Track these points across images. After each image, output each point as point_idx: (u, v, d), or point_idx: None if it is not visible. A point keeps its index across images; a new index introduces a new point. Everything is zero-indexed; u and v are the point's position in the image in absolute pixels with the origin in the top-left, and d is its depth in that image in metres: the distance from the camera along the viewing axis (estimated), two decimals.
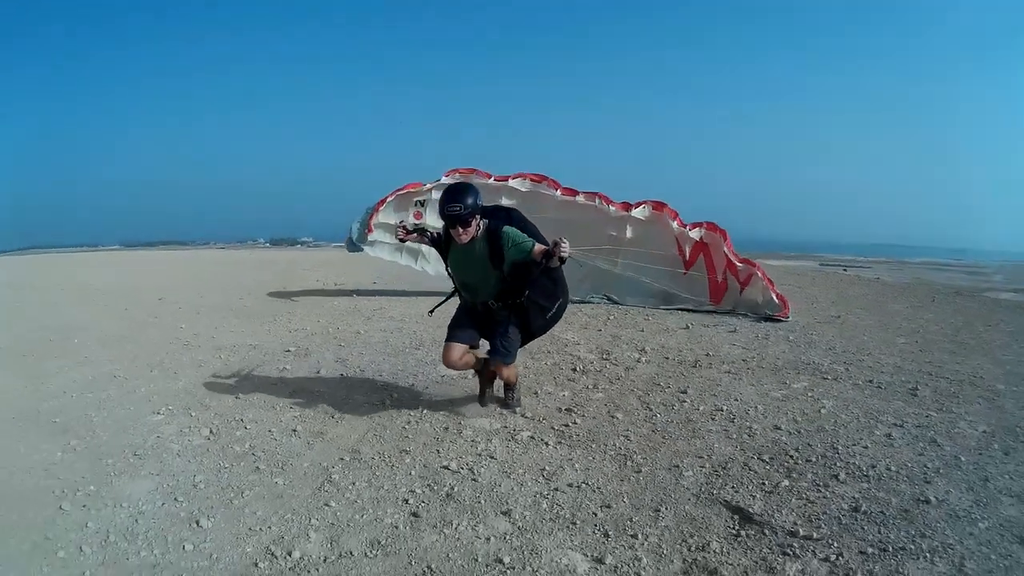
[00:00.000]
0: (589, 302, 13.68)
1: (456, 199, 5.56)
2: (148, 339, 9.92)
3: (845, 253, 36.81)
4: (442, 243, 6.19)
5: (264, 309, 12.98)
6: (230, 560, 3.73)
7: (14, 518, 4.21)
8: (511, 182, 12.95)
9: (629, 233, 13.09)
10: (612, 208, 13.05)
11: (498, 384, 6.63)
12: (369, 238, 12.60)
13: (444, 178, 12.73)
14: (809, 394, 7.12)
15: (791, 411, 6.49)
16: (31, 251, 31.88)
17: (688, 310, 13.06)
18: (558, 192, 13.04)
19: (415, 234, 6.39)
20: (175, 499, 4.48)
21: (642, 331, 10.71)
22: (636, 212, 12.97)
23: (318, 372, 7.91)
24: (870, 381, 7.68)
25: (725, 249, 12.58)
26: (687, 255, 12.93)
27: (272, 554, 3.78)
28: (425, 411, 6.32)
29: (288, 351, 8.98)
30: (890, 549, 3.84)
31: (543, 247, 5.62)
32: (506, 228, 5.77)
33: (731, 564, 3.70)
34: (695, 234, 12.78)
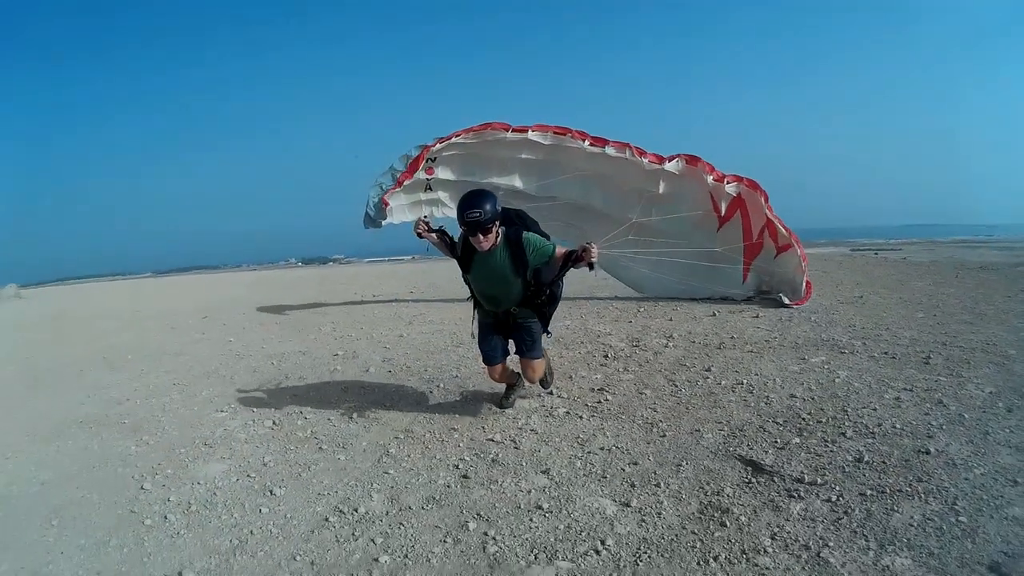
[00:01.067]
0: (617, 299, 13.78)
1: (475, 205, 5.38)
2: (200, 352, 10.46)
3: (876, 237, 35.86)
4: (459, 252, 5.99)
5: (308, 321, 13.47)
6: (302, 518, 4.36)
7: (97, 499, 4.84)
8: (531, 134, 11.74)
9: (662, 188, 11.92)
10: (645, 160, 11.71)
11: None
12: (386, 212, 11.67)
13: (456, 138, 11.71)
14: (826, 367, 7.48)
15: (807, 382, 6.91)
16: (63, 282, 32.39)
17: (714, 300, 13.09)
18: (586, 143, 11.75)
19: (435, 234, 6.19)
20: (248, 475, 5.12)
21: (671, 320, 11.12)
22: (669, 166, 11.70)
23: (367, 371, 8.45)
24: (885, 353, 7.99)
25: (765, 210, 11.74)
26: (723, 210, 12.00)
27: (340, 511, 4.41)
28: (469, 397, 6.87)
29: (336, 355, 9.51)
30: (887, 491, 4.31)
31: (564, 249, 5.79)
32: (527, 234, 5.73)
33: (742, 505, 4.25)
34: (732, 189, 11.76)
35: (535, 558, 3.73)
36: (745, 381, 7.06)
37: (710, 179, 11.64)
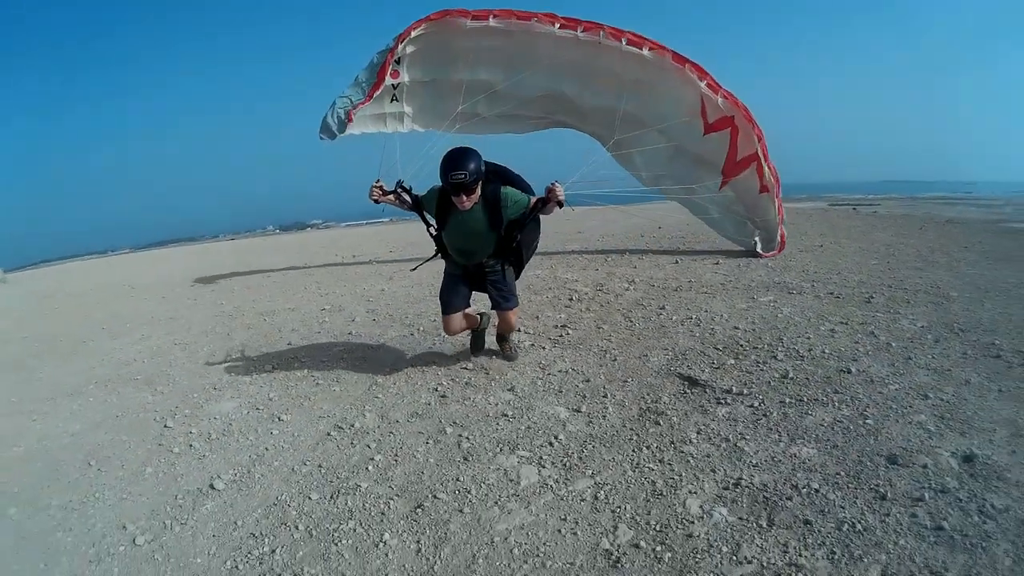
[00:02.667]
0: (586, 252, 14.30)
1: (460, 166, 5.43)
2: (194, 316, 11.16)
3: (856, 192, 35.93)
4: (429, 206, 6.10)
5: (293, 282, 14.14)
6: (308, 435, 5.29)
7: (126, 439, 5.62)
8: (492, 21, 10.45)
9: (643, 75, 10.96)
10: (622, 42, 10.61)
11: (489, 339, 7.12)
12: (349, 127, 10.63)
13: (414, 32, 10.45)
14: (772, 304, 8.33)
15: (752, 317, 7.79)
16: (45, 264, 32.36)
17: (676, 251, 13.66)
18: (556, 27, 10.55)
19: (391, 195, 6.21)
20: (256, 408, 6.00)
21: (635, 267, 11.93)
22: (648, 53, 10.67)
23: (353, 320, 9.28)
24: (831, 293, 8.75)
25: (757, 146, 11.30)
26: (709, 119, 11.26)
27: (339, 427, 5.37)
28: (447, 338, 7.64)
29: (324, 309, 10.32)
30: (805, 400, 5.22)
31: (536, 197, 5.89)
32: (504, 190, 5.83)
33: (675, 410, 5.21)
34: (724, 105, 11.02)
35: (500, 450, 4.71)
36: (695, 316, 7.93)
37: (703, 84, 10.91)
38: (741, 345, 6.74)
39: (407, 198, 6.18)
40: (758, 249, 12.20)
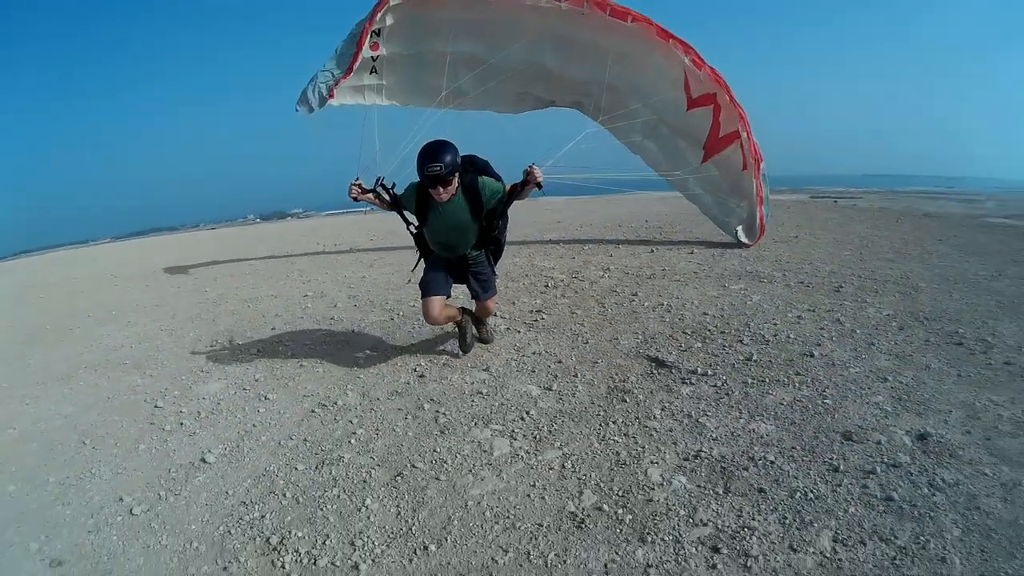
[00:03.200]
0: (564, 241, 14.47)
1: (435, 158, 5.48)
2: (179, 303, 11.32)
3: (837, 185, 35.78)
4: (408, 203, 6.14)
5: (275, 269, 14.33)
6: (293, 412, 5.58)
7: (119, 419, 5.87)
8: None
9: (627, 48, 10.63)
10: (606, 13, 10.26)
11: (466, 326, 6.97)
12: (330, 102, 10.01)
13: (392, 0, 9.74)
14: (742, 292, 8.61)
15: (721, 303, 8.10)
16: (25, 254, 32.08)
17: (652, 241, 13.73)
18: None
19: (371, 194, 6.22)
20: (243, 389, 6.28)
21: (611, 256, 12.17)
22: (634, 26, 10.39)
23: (335, 306, 9.54)
24: (801, 282, 8.99)
25: (739, 125, 11.16)
26: (693, 94, 11.11)
27: (323, 405, 5.67)
28: (425, 323, 7.94)
29: (306, 296, 10.56)
30: (767, 381, 5.55)
31: (512, 184, 6.02)
32: (481, 179, 5.93)
33: (642, 388, 5.55)
34: (707, 81, 10.86)
35: (475, 424, 5.04)
36: (666, 303, 8.24)
37: (687, 60, 10.70)
38: (709, 330, 7.04)
39: (387, 197, 6.24)
40: (741, 238, 12.24)
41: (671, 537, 3.52)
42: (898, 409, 4.91)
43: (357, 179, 6.21)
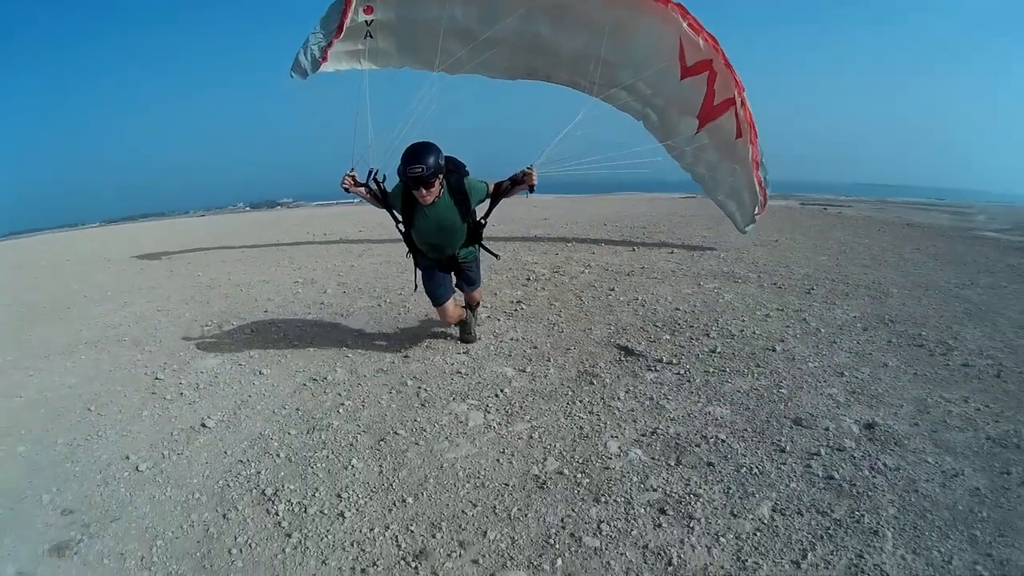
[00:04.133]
0: (549, 238, 14.84)
1: (418, 159, 5.53)
2: (173, 285, 11.69)
3: (827, 193, 35.12)
4: (395, 203, 6.23)
5: (266, 257, 14.66)
6: (286, 386, 6.06)
7: (121, 389, 6.32)
8: None
9: (621, 15, 10.03)
10: None
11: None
12: (324, 66, 9.92)
13: None
14: (716, 291, 9.01)
15: (694, 300, 8.53)
16: (15, 236, 31.94)
17: (635, 241, 14.00)
18: None
19: (363, 188, 6.35)
20: (239, 364, 6.74)
21: (593, 253, 12.59)
22: None
23: (325, 292, 9.99)
24: (775, 283, 9.35)
25: (735, 91, 10.63)
26: (688, 62, 10.47)
27: (314, 380, 6.15)
28: (411, 308, 8.51)
29: (297, 282, 10.98)
30: (727, 371, 6.02)
31: (496, 182, 6.25)
32: (468, 180, 6.10)
33: (609, 373, 6.04)
34: (704, 47, 10.20)
35: (453, 399, 5.55)
36: (640, 298, 8.70)
37: (684, 24, 10.02)
38: (679, 324, 7.50)
39: (377, 192, 6.32)
40: (740, 215, 11.92)
41: (623, 499, 3.99)
42: (850, 401, 5.30)
43: (352, 170, 6.42)
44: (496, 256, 6.96)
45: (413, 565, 3.45)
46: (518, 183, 6.22)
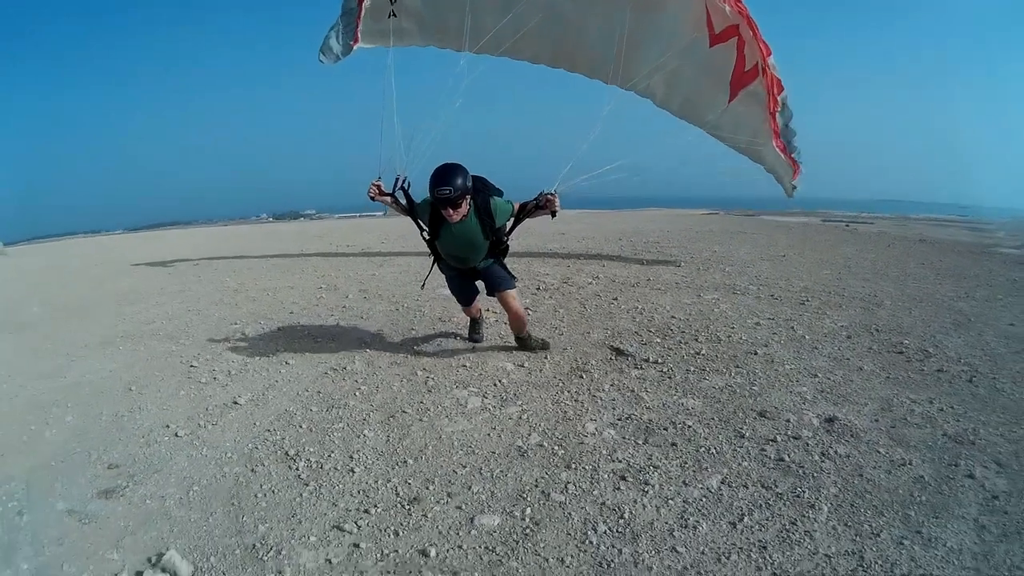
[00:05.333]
0: (562, 253, 15.57)
1: (446, 182, 5.92)
2: (201, 289, 12.54)
3: (848, 210, 34.37)
4: (422, 214, 6.65)
5: (291, 265, 15.54)
6: (310, 375, 6.94)
7: (159, 373, 7.22)
8: None
9: None
10: None
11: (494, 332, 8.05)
12: (355, 47, 9.93)
13: None
14: (714, 301, 9.74)
15: (691, 310, 9.27)
16: (40, 240, 32.78)
17: (647, 255, 14.91)
18: None
19: (388, 197, 6.74)
20: (266, 355, 7.64)
21: (603, 266, 13.36)
22: None
23: (347, 297, 10.90)
24: (772, 295, 10.05)
25: (762, 53, 9.77)
26: (716, 29, 9.87)
27: (334, 369, 7.03)
28: (426, 313, 9.37)
29: (320, 288, 11.87)
30: (707, 370, 6.78)
31: (521, 203, 6.70)
32: (494, 200, 6.54)
33: (599, 370, 6.85)
34: (730, 13, 9.54)
35: (456, 386, 6.42)
36: (640, 307, 9.48)
37: None
38: (672, 329, 8.25)
39: (404, 202, 6.70)
40: (788, 192, 10.88)
41: (590, 467, 4.78)
42: (818, 398, 5.90)
43: (379, 178, 6.78)
44: (512, 276, 7.22)
45: (407, 508, 4.28)
46: (541, 208, 6.61)
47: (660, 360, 7.09)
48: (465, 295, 7.29)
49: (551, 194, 6.54)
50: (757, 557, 3.71)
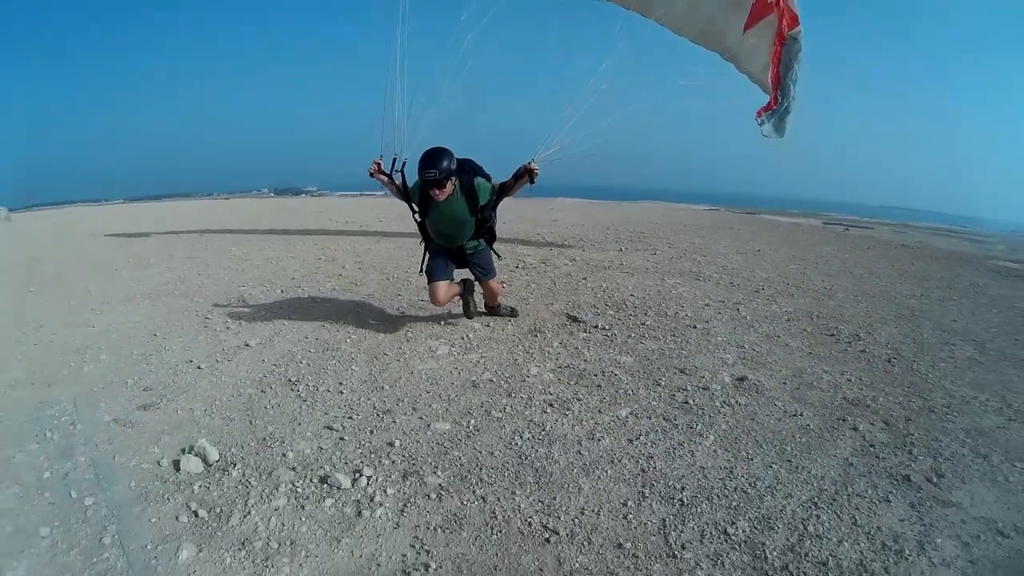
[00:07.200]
0: (548, 240, 16.45)
1: (432, 165, 6.60)
2: (209, 256, 13.87)
3: (849, 214, 33.46)
4: (414, 196, 7.34)
5: (292, 238, 16.73)
6: (310, 325, 8.44)
7: (179, 324, 8.61)
8: None
9: None
10: None
11: (479, 299, 8.60)
12: None
13: None
14: (675, 285, 10.79)
15: (651, 291, 10.40)
16: (42, 208, 33.48)
17: (627, 243, 15.97)
18: None
19: (386, 176, 7.41)
20: (272, 311, 9.13)
21: (584, 251, 14.68)
22: None
23: (344, 267, 12.34)
24: (731, 283, 10.99)
25: None
26: None
27: (331, 321, 8.57)
28: (414, 283, 10.73)
29: (320, 259, 13.31)
30: (647, 336, 8.04)
31: (501, 182, 7.39)
32: (477, 180, 7.16)
33: (552, 332, 8.29)
34: None
35: (430, 338, 7.93)
36: (605, 286, 10.76)
37: None
38: (627, 304, 9.45)
39: (399, 184, 7.41)
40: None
41: (526, 396, 6.23)
42: (737, 364, 6.91)
43: (380, 157, 7.42)
44: (499, 256, 8.30)
45: (381, 416, 5.80)
46: (519, 178, 7.22)
47: (608, 327, 8.28)
48: (437, 271, 7.64)
49: (529, 163, 7.17)
50: (644, 463, 4.84)
